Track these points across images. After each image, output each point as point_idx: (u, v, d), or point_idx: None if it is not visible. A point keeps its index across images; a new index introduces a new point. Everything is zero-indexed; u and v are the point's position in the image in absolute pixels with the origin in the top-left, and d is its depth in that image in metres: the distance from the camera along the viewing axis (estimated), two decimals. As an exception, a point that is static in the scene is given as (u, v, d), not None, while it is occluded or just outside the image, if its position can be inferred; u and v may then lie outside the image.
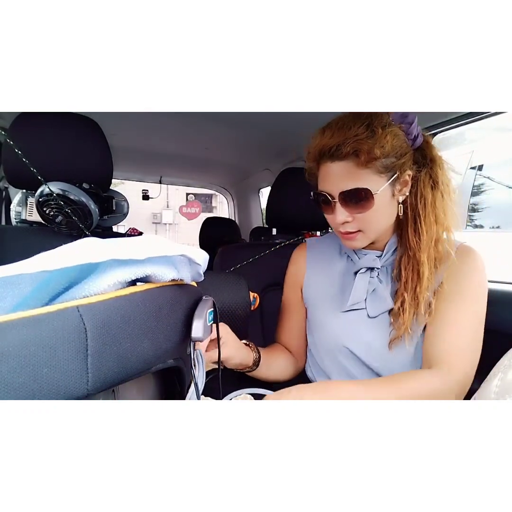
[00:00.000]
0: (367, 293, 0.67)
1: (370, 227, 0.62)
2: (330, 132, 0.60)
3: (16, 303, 0.25)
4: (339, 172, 0.59)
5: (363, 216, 0.60)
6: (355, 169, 0.58)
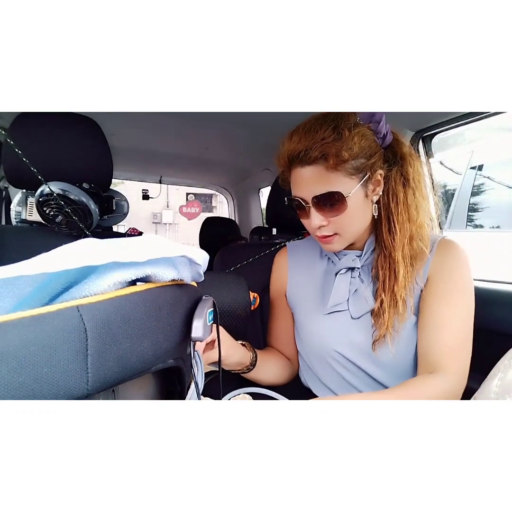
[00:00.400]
0: (349, 293, 0.66)
1: (345, 229, 0.62)
2: (297, 136, 0.59)
3: (16, 303, 0.25)
4: (309, 177, 0.59)
5: (338, 219, 0.60)
6: (325, 173, 0.57)
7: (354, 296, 0.66)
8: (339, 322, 0.67)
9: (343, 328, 0.66)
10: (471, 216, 2.42)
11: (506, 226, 2.27)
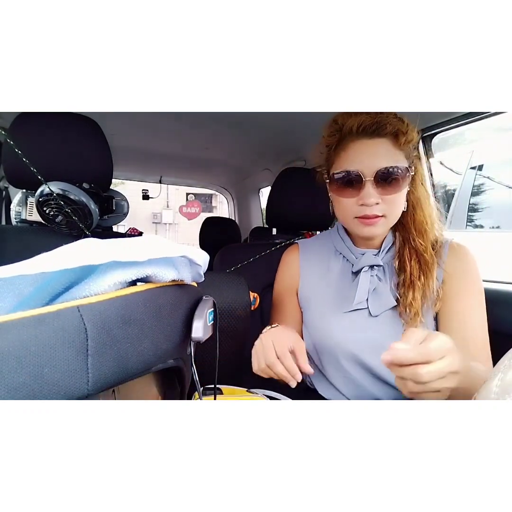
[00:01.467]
0: (369, 292, 0.66)
1: (394, 212, 0.62)
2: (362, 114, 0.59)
3: (16, 303, 0.25)
4: (377, 150, 0.59)
5: (391, 199, 0.60)
6: (392, 148, 0.59)
7: (373, 294, 0.66)
8: (357, 320, 0.67)
9: (361, 326, 0.66)
10: (471, 216, 2.42)
11: (506, 226, 2.27)
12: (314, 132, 0.99)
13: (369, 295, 0.66)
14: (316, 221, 1.10)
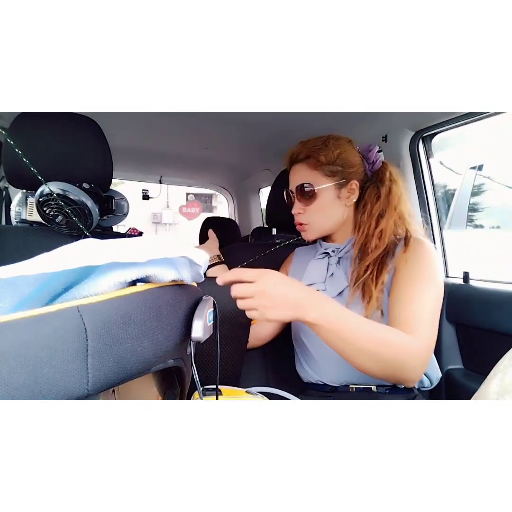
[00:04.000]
0: (326, 277, 0.80)
1: (316, 221, 0.80)
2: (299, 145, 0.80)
3: (16, 303, 0.25)
4: (296, 172, 0.81)
5: (310, 210, 0.79)
6: (307, 170, 0.79)
7: (330, 278, 0.80)
8: None
9: None
10: (471, 216, 2.42)
11: (506, 226, 2.27)
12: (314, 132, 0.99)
13: (326, 279, 0.80)
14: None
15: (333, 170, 0.77)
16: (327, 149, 0.76)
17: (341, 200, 0.79)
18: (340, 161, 0.77)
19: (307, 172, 0.78)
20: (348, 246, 0.81)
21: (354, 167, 0.79)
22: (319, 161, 0.76)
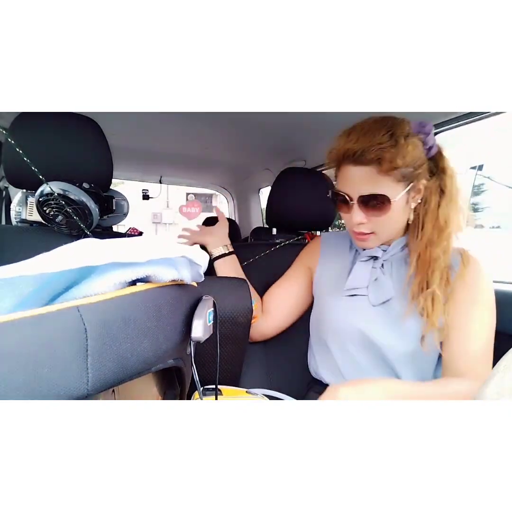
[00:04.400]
0: (369, 281, 0.71)
1: (383, 230, 0.67)
2: (355, 136, 0.62)
3: (16, 303, 0.25)
4: (360, 177, 0.62)
5: (378, 220, 0.65)
6: (376, 176, 0.61)
7: (374, 284, 0.70)
8: (359, 306, 0.71)
9: (362, 311, 0.71)
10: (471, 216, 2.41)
11: (506, 226, 2.27)
12: (314, 132, 0.99)
13: (370, 284, 0.71)
14: (316, 221, 1.10)
15: (405, 174, 0.62)
16: (400, 147, 0.60)
17: (408, 204, 0.66)
18: (413, 160, 0.61)
19: (377, 179, 0.61)
20: (396, 249, 0.71)
21: (423, 164, 0.64)
22: (394, 166, 0.59)
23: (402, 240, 0.71)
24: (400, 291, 0.68)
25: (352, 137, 0.62)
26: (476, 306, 0.63)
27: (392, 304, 0.68)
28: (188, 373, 0.41)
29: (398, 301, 0.68)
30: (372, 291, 0.70)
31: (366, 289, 0.71)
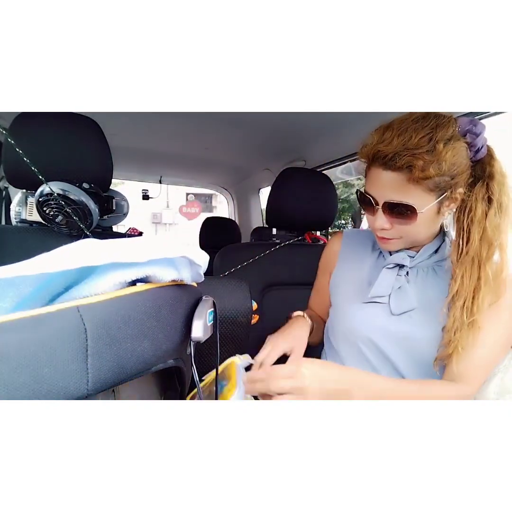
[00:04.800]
0: (392, 289, 0.67)
1: (407, 236, 0.63)
2: (389, 135, 0.56)
3: (16, 303, 0.25)
4: (388, 182, 0.57)
5: (402, 228, 0.61)
6: (405, 183, 0.56)
7: (396, 292, 0.66)
8: (377, 314, 0.68)
9: (380, 320, 0.67)
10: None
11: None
12: (314, 132, 0.99)
13: (392, 292, 0.66)
14: (316, 221, 1.10)
15: (439, 183, 0.55)
16: (437, 154, 0.53)
17: (440, 213, 0.60)
18: (450, 169, 0.55)
19: (405, 187, 0.56)
20: (424, 256, 0.66)
21: (463, 173, 0.57)
22: (426, 175, 0.54)
23: (431, 247, 0.66)
24: (424, 302, 0.64)
25: (386, 137, 0.56)
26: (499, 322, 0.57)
27: (413, 315, 0.64)
28: (188, 373, 0.41)
29: (420, 313, 0.63)
30: (394, 300, 0.66)
31: (388, 297, 0.67)
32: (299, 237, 1.14)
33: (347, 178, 1.62)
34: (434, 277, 0.66)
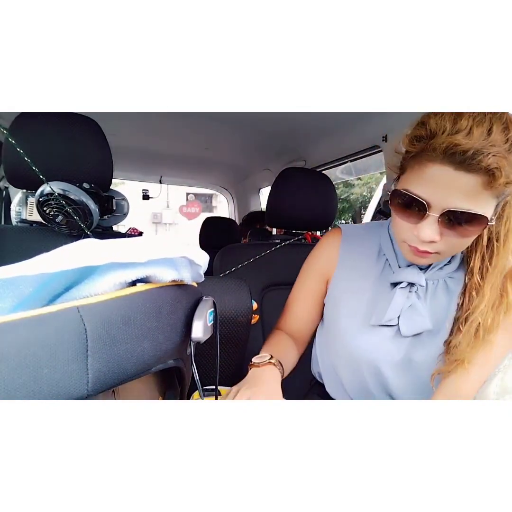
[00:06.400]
0: (402, 309, 0.59)
1: (451, 251, 0.52)
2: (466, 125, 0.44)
3: (16, 303, 0.25)
4: (458, 186, 0.44)
5: (454, 242, 0.49)
6: (480, 189, 0.44)
7: (407, 312, 0.58)
8: (385, 338, 0.61)
9: (387, 344, 0.61)
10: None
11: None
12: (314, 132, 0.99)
13: (402, 312, 0.59)
14: (316, 221, 1.10)
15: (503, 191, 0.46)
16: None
17: None
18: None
19: (478, 193, 0.44)
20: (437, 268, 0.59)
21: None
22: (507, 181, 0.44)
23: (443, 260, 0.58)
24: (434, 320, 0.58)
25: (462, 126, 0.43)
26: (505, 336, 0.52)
27: (424, 336, 0.58)
28: (188, 373, 0.41)
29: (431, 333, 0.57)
30: (404, 320, 0.58)
31: (397, 319, 0.59)
32: (299, 237, 1.14)
33: (347, 178, 1.62)
34: (445, 290, 0.59)
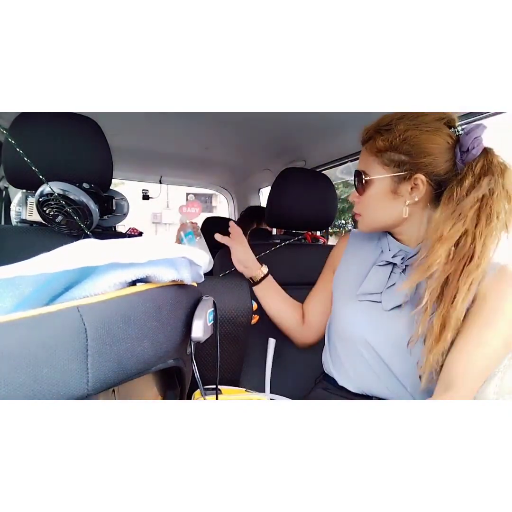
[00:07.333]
0: (385, 286, 0.67)
1: (366, 213, 0.69)
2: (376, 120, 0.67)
3: (16, 303, 0.25)
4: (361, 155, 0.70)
5: (362, 200, 0.69)
6: (367, 155, 0.67)
7: (389, 289, 0.67)
8: (370, 312, 0.68)
9: (372, 317, 0.67)
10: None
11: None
12: (314, 132, 0.99)
13: (384, 290, 0.67)
14: (316, 221, 1.10)
15: (393, 159, 0.63)
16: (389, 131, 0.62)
17: (398, 195, 0.64)
18: (406, 148, 0.61)
19: (365, 157, 0.67)
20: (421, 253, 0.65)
21: (426, 157, 0.60)
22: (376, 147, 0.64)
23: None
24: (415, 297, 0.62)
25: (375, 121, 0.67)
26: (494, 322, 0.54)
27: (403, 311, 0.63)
28: (188, 373, 0.41)
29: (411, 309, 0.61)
30: (385, 297, 0.66)
31: (380, 295, 0.67)
32: (299, 237, 1.14)
33: (347, 178, 1.62)
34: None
